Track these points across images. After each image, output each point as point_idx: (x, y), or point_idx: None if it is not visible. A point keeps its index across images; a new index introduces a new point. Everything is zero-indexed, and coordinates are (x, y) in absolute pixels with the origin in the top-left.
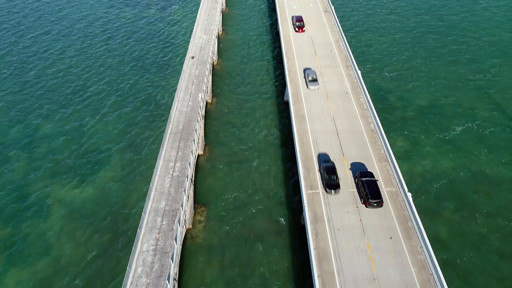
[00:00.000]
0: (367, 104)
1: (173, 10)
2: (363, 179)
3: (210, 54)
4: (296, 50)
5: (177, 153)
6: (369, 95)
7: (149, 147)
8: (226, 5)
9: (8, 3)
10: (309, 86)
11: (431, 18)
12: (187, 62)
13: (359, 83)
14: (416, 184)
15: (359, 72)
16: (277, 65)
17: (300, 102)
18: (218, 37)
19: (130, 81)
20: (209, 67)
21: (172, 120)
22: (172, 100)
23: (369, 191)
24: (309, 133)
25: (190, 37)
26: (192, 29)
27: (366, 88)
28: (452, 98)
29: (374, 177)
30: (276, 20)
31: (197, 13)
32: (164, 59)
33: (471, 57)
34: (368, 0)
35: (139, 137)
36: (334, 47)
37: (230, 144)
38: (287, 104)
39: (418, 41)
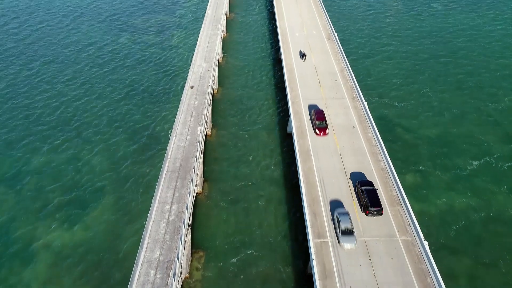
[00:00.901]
0: (376, 140)
1: (172, 35)
2: (363, 187)
3: (210, 84)
4: (299, 80)
5: (173, 194)
6: (376, 127)
7: (144, 185)
8: (227, 31)
9: None
10: (342, 241)
11: (434, 42)
12: (186, 92)
13: (366, 116)
14: (430, 228)
15: (365, 103)
16: (279, 93)
17: (304, 137)
18: (219, 64)
19: (125, 111)
20: (208, 97)
21: (169, 157)
22: (170, 134)
23: (369, 200)
24: (315, 172)
25: (189, 64)
26: (192, 55)
27: (373, 120)
28: (463, 129)
29: (374, 186)
30: (278, 46)
31: (197, 38)
32: (162, 87)
33: (481, 84)
34: (370, 24)
35: (133, 173)
36: (338, 77)
37: (231, 180)
38: (290, 135)
39: (423, 67)
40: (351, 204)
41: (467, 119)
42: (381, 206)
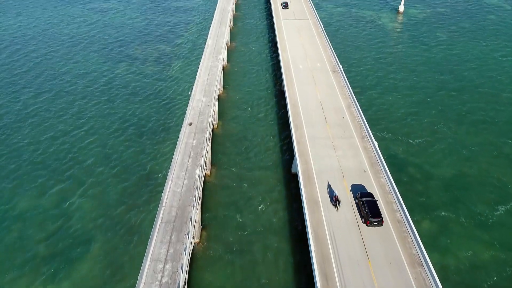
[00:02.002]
0: (390, 187)
1: (171, 65)
2: (363, 199)
3: (210, 120)
4: (304, 116)
5: (167, 250)
6: (388, 168)
7: (137, 234)
8: (228, 61)
9: None
10: None
11: (442, 73)
12: (184, 129)
13: (377, 158)
14: (451, 285)
15: (376, 144)
16: (283, 128)
17: (312, 183)
18: (219, 96)
19: (120, 147)
20: (208, 136)
21: (164, 205)
22: (166, 176)
23: (370, 210)
24: (325, 225)
25: (188, 97)
26: (191, 88)
27: (385, 161)
28: (482, 168)
29: (374, 198)
30: (281, 77)
31: (197, 69)
32: (160, 122)
33: (497, 119)
34: (375, 54)
35: (126, 220)
36: (346, 113)
37: (232, 228)
38: (294, 176)
39: (434, 100)
40: (366, 265)
41: (485, 157)
42: (381, 217)
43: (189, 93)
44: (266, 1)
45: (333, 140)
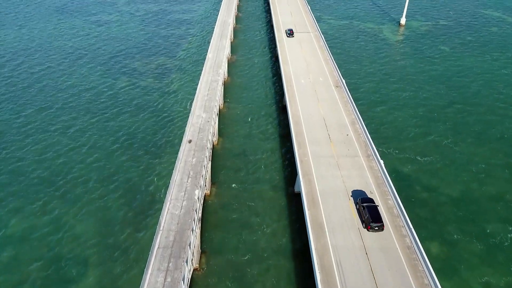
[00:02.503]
0: (398, 209)
1: (171, 79)
2: (364, 204)
3: (210, 138)
4: (307, 133)
5: (165, 279)
6: (395, 188)
7: (134, 258)
8: (228, 74)
9: None
10: None
11: (447, 87)
12: (183, 147)
13: (384, 178)
14: None
15: (381, 162)
16: (285, 144)
17: (316, 206)
18: (219, 111)
19: (118, 165)
20: (208, 154)
21: (161, 228)
22: (164, 198)
23: (370, 215)
24: (331, 251)
25: (188, 113)
26: (191, 103)
27: (391, 179)
28: (492, 187)
29: (374, 203)
30: (283, 91)
31: (197, 83)
32: (159, 138)
33: (506, 135)
34: (378, 67)
35: (122, 243)
36: (350, 130)
37: (232, 252)
38: (298, 196)
39: (440, 115)
40: None
41: (495, 175)
42: (382, 222)
43: (189, 106)
44: (266, 13)
45: (337, 158)
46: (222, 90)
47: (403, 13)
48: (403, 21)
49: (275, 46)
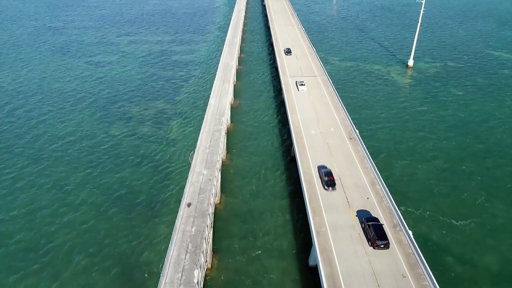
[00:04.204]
0: None
1: (170, 126)
2: (370, 223)
3: (212, 201)
4: (323, 197)
5: None
6: (431, 269)
7: None
8: (231, 120)
9: None
10: None
11: (465, 134)
12: (182, 212)
13: (417, 257)
14: None
15: (410, 234)
16: (296, 204)
17: None
18: (222, 163)
19: (107, 230)
20: (209, 221)
21: None
22: (158, 281)
23: (376, 233)
24: None
25: (188, 166)
26: (192, 155)
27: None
28: None
29: (379, 222)
30: (291, 141)
31: (198, 132)
32: (154, 198)
33: None
34: (388, 114)
35: None
36: (370, 193)
37: None
38: (313, 270)
39: (466, 168)
40: None
41: None
42: (387, 240)
43: (190, 158)
44: (270, 55)
45: (359, 230)
46: (225, 140)
47: (410, 54)
48: (410, 62)
49: (281, 91)
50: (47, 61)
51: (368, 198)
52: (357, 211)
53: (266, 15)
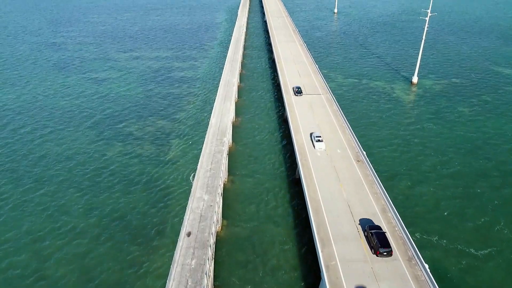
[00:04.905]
0: None
1: (170, 146)
2: (372, 231)
3: (213, 230)
4: (331, 226)
5: None
6: None
7: None
8: (233, 140)
9: None
10: None
11: (475, 154)
12: (181, 242)
13: None
14: None
15: (427, 268)
16: (302, 230)
17: None
18: (224, 187)
19: (96, 261)
20: (210, 253)
21: None
22: None
23: (379, 241)
24: None
25: (188, 189)
26: (192, 176)
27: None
28: None
29: (382, 230)
30: (296, 162)
31: (199, 152)
32: (150, 225)
33: None
34: (394, 133)
35: None
36: (382, 221)
37: None
38: None
39: (475, 191)
40: None
41: None
42: (390, 247)
43: (191, 178)
44: (272, 71)
45: (372, 264)
46: (227, 162)
47: (414, 71)
48: (415, 79)
49: (284, 108)
50: (48, 78)
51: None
52: (360, 219)
53: (267, 31)
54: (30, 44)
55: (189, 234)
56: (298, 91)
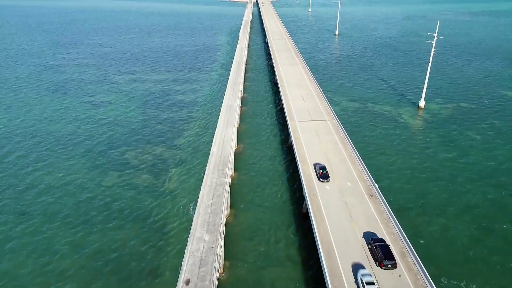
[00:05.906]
0: None
1: (169, 176)
2: (376, 243)
3: (215, 277)
4: (346, 273)
5: None
6: None
7: None
8: (235, 169)
9: None
10: None
11: (492, 184)
12: None
13: None
14: None
15: None
16: (312, 273)
17: None
18: (226, 222)
19: None
20: None
21: None
22: None
23: (383, 254)
24: None
25: (187, 225)
26: (193, 208)
27: None
28: None
29: (386, 243)
30: (302, 194)
31: (199, 184)
32: (145, 271)
33: None
34: (404, 162)
35: None
36: (402, 268)
37: None
38: None
39: (500, 226)
40: None
41: None
42: (395, 260)
43: (192, 210)
44: (275, 94)
45: None
46: (229, 196)
47: (421, 94)
48: (422, 103)
49: (289, 135)
50: (46, 101)
51: (400, 276)
52: (364, 233)
53: (269, 53)
54: (30, 66)
55: (187, 282)
56: (323, 176)
